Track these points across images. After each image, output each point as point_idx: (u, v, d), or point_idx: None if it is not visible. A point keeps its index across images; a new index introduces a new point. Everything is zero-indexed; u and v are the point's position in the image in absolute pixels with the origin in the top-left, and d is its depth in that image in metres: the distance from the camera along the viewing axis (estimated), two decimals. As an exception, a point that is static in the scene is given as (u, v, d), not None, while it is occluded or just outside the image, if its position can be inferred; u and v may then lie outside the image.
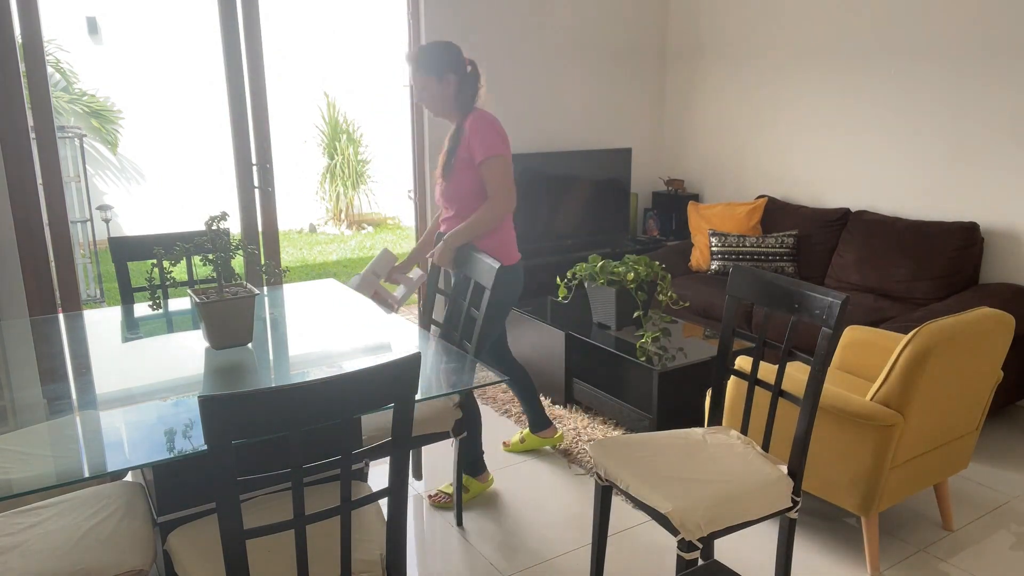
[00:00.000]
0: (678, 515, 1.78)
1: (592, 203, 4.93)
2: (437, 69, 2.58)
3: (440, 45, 2.62)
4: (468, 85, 2.62)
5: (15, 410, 1.75)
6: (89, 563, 1.58)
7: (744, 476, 1.95)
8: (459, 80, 2.60)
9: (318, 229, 9.42)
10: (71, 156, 6.00)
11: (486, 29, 4.47)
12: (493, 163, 2.54)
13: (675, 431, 2.21)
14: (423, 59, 2.59)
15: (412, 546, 2.55)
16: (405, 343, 2.23)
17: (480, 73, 2.66)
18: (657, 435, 2.17)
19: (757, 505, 1.91)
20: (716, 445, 2.12)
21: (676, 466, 1.99)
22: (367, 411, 1.46)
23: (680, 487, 1.88)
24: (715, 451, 2.09)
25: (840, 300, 1.88)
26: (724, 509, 1.84)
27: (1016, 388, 3.31)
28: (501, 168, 2.55)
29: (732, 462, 2.02)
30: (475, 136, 2.54)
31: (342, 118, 9.37)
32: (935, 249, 3.66)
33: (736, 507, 1.87)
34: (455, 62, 2.60)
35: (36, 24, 3.34)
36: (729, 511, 1.85)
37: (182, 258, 2.25)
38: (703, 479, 1.92)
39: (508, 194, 2.56)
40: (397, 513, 1.58)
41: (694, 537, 1.79)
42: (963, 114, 3.75)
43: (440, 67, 2.58)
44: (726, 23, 4.85)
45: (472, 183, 2.61)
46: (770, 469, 1.99)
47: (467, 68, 2.64)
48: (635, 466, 1.99)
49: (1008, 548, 2.48)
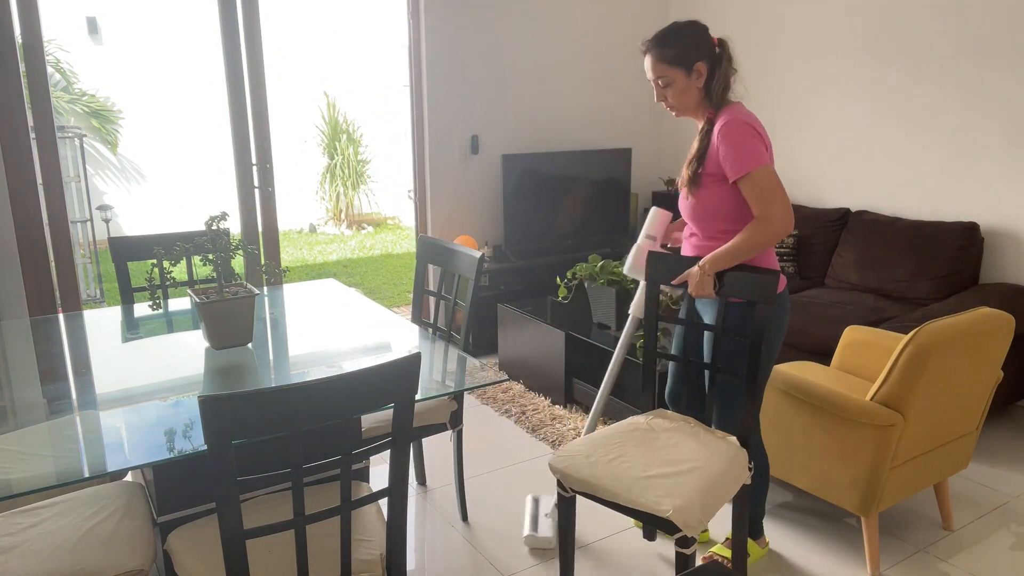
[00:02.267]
0: (680, 515, 1.78)
1: (592, 203, 4.93)
2: (687, 59, 2.08)
3: (688, 27, 2.11)
4: (719, 73, 2.10)
5: (15, 410, 1.75)
6: (89, 563, 1.58)
7: (711, 458, 1.98)
8: (710, 68, 2.10)
9: (318, 229, 9.42)
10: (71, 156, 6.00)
11: (486, 29, 4.47)
12: (755, 177, 2.00)
13: (618, 424, 2.19)
14: (668, 47, 2.09)
15: (412, 546, 2.55)
16: (405, 343, 2.23)
17: (731, 54, 2.13)
18: (606, 433, 2.14)
19: (731, 483, 1.97)
20: (665, 430, 2.14)
21: (645, 462, 1.97)
22: (367, 411, 1.46)
23: (665, 485, 1.87)
24: (668, 437, 2.10)
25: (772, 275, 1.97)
26: (712, 497, 1.88)
27: (1016, 388, 3.31)
28: (766, 181, 2.00)
29: (691, 446, 2.05)
30: (725, 146, 2.03)
31: (342, 118, 9.38)
32: (935, 249, 3.66)
33: (719, 491, 1.91)
34: (705, 46, 2.10)
35: (36, 24, 3.34)
36: (715, 497, 1.89)
37: (182, 258, 2.25)
38: (680, 470, 1.92)
39: (783, 209, 2.00)
40: (397, 513, 1.58)
41: (696, 532, 1.80)
42: (963, 114, 3.75)
43: (691, 56, 2.08)
44: (726, 23, 4.85)
45: (724, 201, 2.09)
46: (726, 445, 2.04)
47: (715, 50, 2.11)
48: (609, 472, 1.94)
49: (1008, 548, 2.48)
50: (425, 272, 2.87)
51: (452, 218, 4.58)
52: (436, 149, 4.44)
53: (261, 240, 3.99)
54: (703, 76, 2.09)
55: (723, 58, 2.10)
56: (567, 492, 2.02)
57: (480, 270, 2.49)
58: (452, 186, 4.54)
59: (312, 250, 8.24)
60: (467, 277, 2.51)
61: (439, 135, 4.44)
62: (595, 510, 2.67)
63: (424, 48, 4.29)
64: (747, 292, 2.06)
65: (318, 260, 7.74)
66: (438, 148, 4.45)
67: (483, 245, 4.65)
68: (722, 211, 2.11)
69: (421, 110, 4.41)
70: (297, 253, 8.07)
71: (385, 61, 9.35)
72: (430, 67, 4.32)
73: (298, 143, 9.16)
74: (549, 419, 3.45)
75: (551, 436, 3.28)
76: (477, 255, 2.49)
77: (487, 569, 2.40)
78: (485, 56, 4.51)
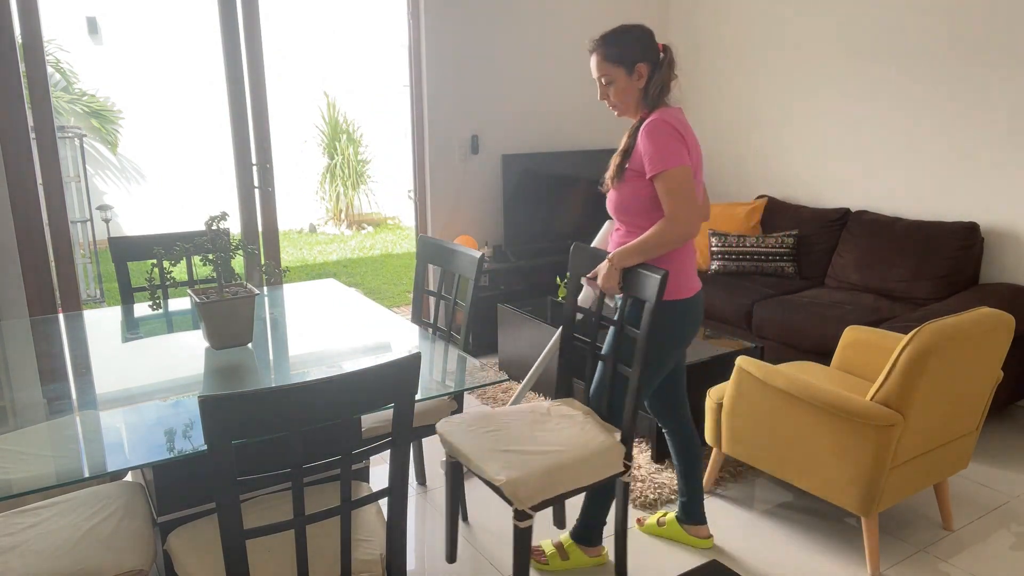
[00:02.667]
0: (511, 487, 1.88)
1: (592, 203, 4.93)
2: (628, 59, 2.14)
3: (635, 29, 2.18)
4: (658, 76, 2.15)
5: (15, 410, 1.75)
6: (89, 563, 1.58)
7: (580, 445, 2.08)
8: (650, 70, 2.15)
9: (318, 229, 9.42)
10: (71, 156, 6.00)
11: (486, 29, 4.47)
12: (668, 176, 2.06)
13: (525, 405, 2.36)
14: (611, 46, 2.16)
15: (412, 546, 2.55)
16: (405, 343, 2.23)
17: (674, 59, 2.19)
18: (507, 410, 2.31)
19: (590, 472, 2.05)
20: (559, 416, 2.26)
21: (518, 439, 2.10)
22: (367, 411, 1.46)
23: (516, 459, 1.98)
24: (557, 423, 2.21)
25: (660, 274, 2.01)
26: (555, 478, 1.96)
27: (1016, 388, 3.31)
28: (677, 182, 2.06)
29: (572, 432, 2.15)
30: (646, 142, 2.08)
31: (342, 118, 9.38)
32: (935, 249, 3.66)
33: (567, 475, 1.99)
34: (649, 48, 2.16)
35: (36, 24, 3.34)
36: (560, 479, 1.97)
37: (182, 258, 2.25)
38: (540, 450, 2.04)
39: (687, 211, 2.06)
40: (397, 513, 1.58)
41: (525, 506, 1.90)
42: (963, 114, 3.75)
43: (633, 56, 2.14)
44: (726, 23, 4.85)
45: (643, 196, 2.15)
46: (604, 437, 2.12)
47: (659, 55, 2.17)
48: (478, 441, 2.09)
49: (1008, 548, 2.48)
50: (425, 272, 2.87)
51: (452, 218, 4.58)
52: (436, 149, 4.44)
53: (261, 240, 3.99)
54: (643, 77, 2.15)
55: (665, 62, 2.16)
56: (450, 458, 2.20)
57: (480, 270, 2.49)
58: (452, 186, 4.54)
59: (312, 250, 8.24)
60: (467, 277, 2.52)
61: (439, 135, 4.44)
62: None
63: (424, 48, 4.29)
64: (635, 289, 2.13)
65: (318, 260, 7.74)
66: (438, 148, 4.45)
67: (483, 245, 4.65)
68: (642, 207, 2.15)
69: (421, 110, 4.41)
70: (297, 253, 8.07)
71: (385, 61, 9.35)
72: (430, 67, 4.32)
73: (298, 143, 9.16)
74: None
75: (551, 436, 3.28)
76: (477, 255, 2.49)
77: (487, 569, 2.40)
78: (485, 56, 4.51)
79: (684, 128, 2.11)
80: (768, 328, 3.65)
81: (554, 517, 2.60)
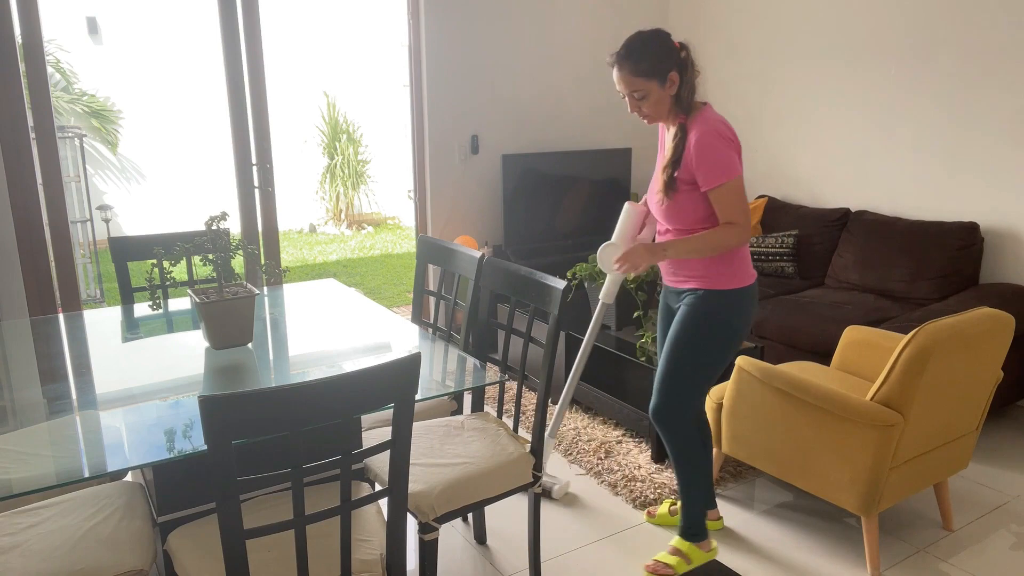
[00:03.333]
0: (413, 500, 1.90)
1: (592, 203, 4.93)
2: (660, 70, 2.07)
3: (655, 36, 2.09)
4: (687, 79, 2.09)
5: (15, 410, 1.75)
6: (89, 563, 1.58)
7: (488, 457, 2.10)
8: (680, 76, 2.09)
9: (318, 229, 9.42)
10: (71, 156, 6.00)
11: (486, 29, 4.47)
12: (724, 190, 2.05)
13: (441, 419, 2.37)
14: (641, 60, 2.07)
15: (412, 546, 2.55)
16: (405, 343, 2.23)
17: (693, 58, 2.12)
18: (426, 423, 2.33)
19: (496, 483, 2.07)
20: (472, 429, 2.28)
21: (428, 452, 2.12)
22: (367, 411, 1.46)
23: (422, 472, 2.00)
24: (470, 436, 2.24)
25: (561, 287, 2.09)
26: (459, 490, 1.98)
27: (1016, 388, 3.31)
28: (734, 194, 2.06)
29: (480, 445, 2.17)
30: (700, 158, 2.05)
31: (342, 118, 9.38)
32: (935, 249, 3.66)
33: (472, 487, 2.01)
34: (674, 54, 2.08)
35: (36, 24, 3.34)
36: (465, 491, 1.99)
37: (182, 258, 2.25)
38: (447, 463, 2.06)
39: (746, 220, 2.07)
40: (397, 513, 1.58)
41: (428, 519, 1.91)
42: (963, 114, 3.75)
43: (663, 67, 2.07)
44: (726, 23, 4.85)
45: (698, 205, 2.13)
46: (514, 448, 2.15)
47: (681, 55, 2.09)
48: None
49: (1008, 548, 2.48)
50: (425, 272, 2.87)
51: (452, 218, 4.58)
52: (436, 149, 4.44)
53: (261, 240, 3.99)
54: (676, 84, 2.10)
55: (688, 63, 2.11)
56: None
57: (480, 270, 2.49)
58: (452, 186, 4.54)
59: (312, 250, 8.24)
60: (467, 277, 2.52)
61: (439, 135, 4.44)
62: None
63: (424, 48, 4.29)
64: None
65: (318, 260, 7.74)
66: (438, 148, 4.45)
67: (483, 245, 4.65)
68: (698, 216, 2.15)
69: (421, 110, 4.41)
70: (297, 253, 8.07)
71: (385, 61, 9.35)
72: (430, 67, 4.32)
73: (298, 143, 9.16)
74: (549, 418, 3.44)
75: (551, 436, 3.28)
76: (477, 255, 2.49)
77: (487, 569, 2.40)
78: (485, 56, 4.51)
79: (731, 131, 2.10)
80: (768, 328, 3.65)
81: (475, 531, 2.58)
